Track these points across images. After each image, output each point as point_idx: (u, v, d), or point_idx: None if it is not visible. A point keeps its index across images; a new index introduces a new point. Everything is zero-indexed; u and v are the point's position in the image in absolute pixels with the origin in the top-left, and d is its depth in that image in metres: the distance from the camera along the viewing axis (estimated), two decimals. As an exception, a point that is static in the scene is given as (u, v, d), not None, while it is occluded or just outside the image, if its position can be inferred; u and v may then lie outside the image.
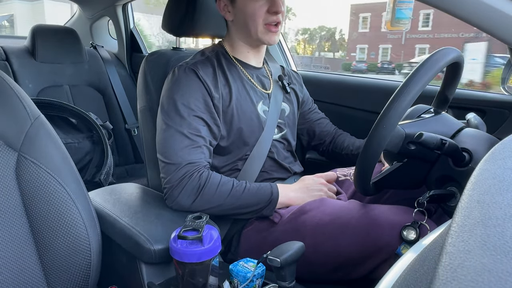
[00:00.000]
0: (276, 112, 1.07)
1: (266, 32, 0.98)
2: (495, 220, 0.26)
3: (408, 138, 0.76)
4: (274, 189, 0.95)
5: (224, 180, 0.92)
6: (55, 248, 0.76)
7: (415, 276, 0.31)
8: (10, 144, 0.75)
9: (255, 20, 0.96)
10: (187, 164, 0.90)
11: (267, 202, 0.93)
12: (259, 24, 0.96)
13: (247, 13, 0.96)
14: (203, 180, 0.89)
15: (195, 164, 0.90)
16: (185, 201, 0.89)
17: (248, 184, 0.94)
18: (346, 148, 1.21)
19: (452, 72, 0.85)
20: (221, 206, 0.90)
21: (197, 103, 0.94)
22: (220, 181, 0.91)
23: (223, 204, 0.90)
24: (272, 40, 0.99)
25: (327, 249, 0.84)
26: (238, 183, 0.93)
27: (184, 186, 0.88)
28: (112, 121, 2.02)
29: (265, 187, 0.95)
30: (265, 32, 0.98)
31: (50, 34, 1.97)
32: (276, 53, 1.78)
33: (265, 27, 0.97)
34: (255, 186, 0.94)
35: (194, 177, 0.89)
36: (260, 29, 0.97)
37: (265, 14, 0.96)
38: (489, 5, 0.71)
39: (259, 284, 0.73)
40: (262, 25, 0.97)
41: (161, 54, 1.20)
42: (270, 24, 0.97)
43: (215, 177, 0.91)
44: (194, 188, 0.89)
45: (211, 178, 0.90)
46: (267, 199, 0.93)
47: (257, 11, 0.95)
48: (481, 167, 0.34)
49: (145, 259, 0.77)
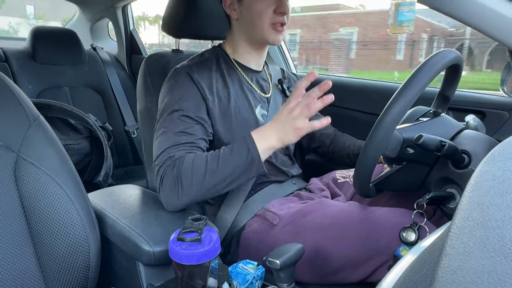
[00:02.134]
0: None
1: (272, 32, 0.98)
2: (494, 222, 0.26)
3: (406, 143, 0.76)
4: (251, 145, 0.84)
5: (196, 158, 0.85)
6: (54, 249, 0.76)
7: (415, 278, 0.31)
8: (9, 145, 0.75)
9: (261, 18, 0.96)
10: (167, 160, 0.87)
11: (248, 161, 0.84)
12: (266, 23, 0.96)
13: (254, 12, 0.96)
14: (176, 171, 0.85)
15: (172, 158, 0.86)
16: (172, 198, 0.86)
17: (222, 151, 0.86)
18: (348, 148, 1.21)
19: (451, 73, 0.85)
20: (205, 185, 0.84)
21: (188, 104, 0.93)
22: (192, 161, 0.85)
23: (206, 183, 0.84)
24: (277, 40, 0.99)
25: (327, 251, 0.84)
26: (211, 155, 0.86)
27: (164, 186, 0.86)
28: (112, 123, 2.02)
29: (240, 147, 0.85)
30: (271, 32, 0.98)
31: (49, 36, 1.97)
32: (276, 55, 1.78)
33: (271, 27, 0.97)
34: (227, 151, 0.86)
35: (168, 172, 0.85)
36: (266, 28, 0.97)
37: (271, 14, 0.96)
38: (489, 7, 0.72)
39: (259, 286, 0.73)
40: (269, 24, 0.97)
41: (161, 55, 1.20)
42: (276, 24, 0.97)
43: (187, 160, 0.85)
44: (172, 182, 0.85)
45: (183, 165, 0.85)
46: (246, 158, 0.84)
47: (265, 10, 0.95)
48: (481, 169, 0.34)
49: (144, 260, 0.77)
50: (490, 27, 0.74)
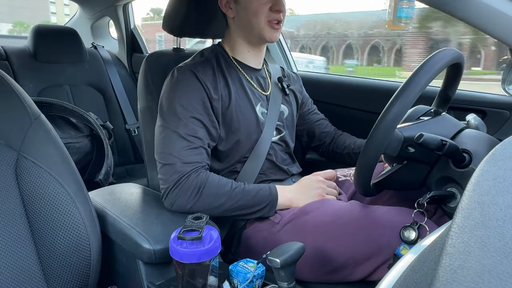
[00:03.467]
0: (275, 114, 1.07)
1: (268, 29, 0.98)
2: (495, 222, 0.26)
3: (406, 142, 0.76)
4: (273, 190, 0.95)
5: (223, 181, 0.92)
6: (54, 248, 0.76)
7: (415, 277, 0.31)
8: (10, 143, 0.75)
9: (258, 16, 0.97)
10: (184, 165, 0.89)
11: (266, 202, 0.93)
12: (262, 20, 0.97)
13: (250, 10, 0.97)
14: (201, 181, 0.89)
15: (192, 165, 0.90)
16: (184, 202, 0.88)
17: (247, 185, 0.94)
18: (348, 147, 1.21)
19: (453, 72, 0.85)
20: (221, 207, 0.90)
21: (195, 104, 0.94)
22: (218, 182, 0.91)
23: (223, 205, 0.90)
24: (273, 37, 1.00)
25: (327, 250, 0.84)
26: (236, 184, 0.93)
27: (182, 188, 0.88)
28: (112, 121, 2.02)
29: (264, 188, 0.95)
30: (267, 29, 0.98)
31: (50, 34, 1.97)
32: (277, 53, 1.78)
33: (268, 24, 0.98)
34: (254, 187, 0.94)
35: (192, 178, 0.88)
36: (262, 25, 0.97)
37: (267, 12, 0.97)
38: (490, 6, 0.71)
39: (259, 284, 0.73)
40: (265, 22, 0.97)
41: (162, 54, 1.20)
42: (272, 22, 0.98)
43: (213, 178, 0.91)
44: (193, 189, 0.88)
45: (209, 178, 0.90)
46: (266, 199, 0.93)
47: (260, 8, 0.96)
48: (482, 168, 0.34)
49: (145, 259, 0.77)
50: (490, 26, 0.74)
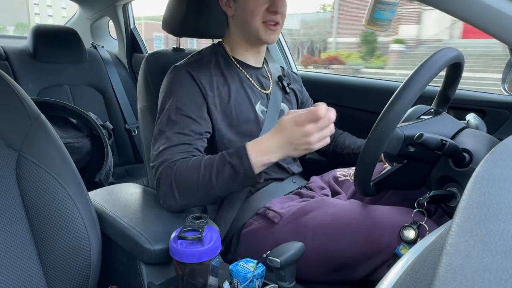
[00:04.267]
0: (275, 112, 1.07)
1: (265, 30, 0.98)
2: (495, 221, 0.26)
3: (407, 141, 0.76)
4: (245, 162, 0.80)
5: (192, 164, 0.84)
6: (55, 248, 0.76)
7: (415, 277, 0.31)
8: (10, 144, 0.75)
9: (254, 17, 0.96)
10: (161, 164, 0.87)
11: (240, 176, 0.82)
12: (258, 21, 0.96)
13: (247, 9, 0.96)
14: (172, 174, 0.84)
15: (169, 161, 0.86)
16: (169, 199, 0.86)
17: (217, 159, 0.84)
18: (348, 147, 1.21)
19: (452, 72, 0.85)
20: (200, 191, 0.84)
21: (187, 103, 0.93)
22: (187, 166, 0.84)
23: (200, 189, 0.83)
24: (270, 39, 0.99)
25: (327, 250, 0.84)
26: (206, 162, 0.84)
27: (161, 187, 0.86)
28: (112, 121, 2.02)
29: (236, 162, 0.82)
30: (263, 30, 0.98)
31: (50, 34, 1.97)
32: (277, 53, 1.78)
33: (264, 25, 0.97)
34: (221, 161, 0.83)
35: (165, 174, 0.85)
36: (258, 26, 0.97)
37: (264, 12, 0.96)
38: (489, 5, 0.71)
39: (259, 284, 0.73)
40: (261, 22, 0.97)
41: (162, 54, 1.20)
42: (268, 23, 0.97)
43: (181, 165, 0.85)
44: (169, 185, 0.85)
45: (178, 168, 0.84)
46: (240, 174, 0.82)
47: (257, 8, 0.95)
48: (482, 167, 0.34)
49: (145, 259, 0.77)
50: (490, 25, 0.74)
